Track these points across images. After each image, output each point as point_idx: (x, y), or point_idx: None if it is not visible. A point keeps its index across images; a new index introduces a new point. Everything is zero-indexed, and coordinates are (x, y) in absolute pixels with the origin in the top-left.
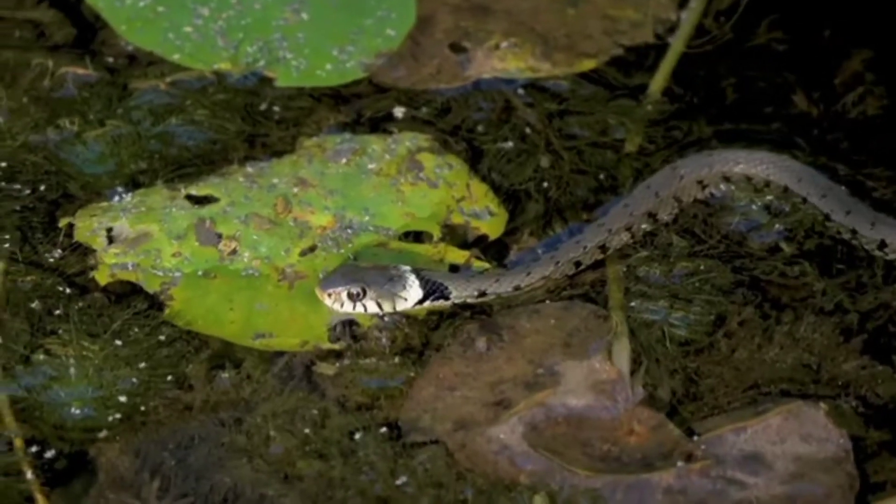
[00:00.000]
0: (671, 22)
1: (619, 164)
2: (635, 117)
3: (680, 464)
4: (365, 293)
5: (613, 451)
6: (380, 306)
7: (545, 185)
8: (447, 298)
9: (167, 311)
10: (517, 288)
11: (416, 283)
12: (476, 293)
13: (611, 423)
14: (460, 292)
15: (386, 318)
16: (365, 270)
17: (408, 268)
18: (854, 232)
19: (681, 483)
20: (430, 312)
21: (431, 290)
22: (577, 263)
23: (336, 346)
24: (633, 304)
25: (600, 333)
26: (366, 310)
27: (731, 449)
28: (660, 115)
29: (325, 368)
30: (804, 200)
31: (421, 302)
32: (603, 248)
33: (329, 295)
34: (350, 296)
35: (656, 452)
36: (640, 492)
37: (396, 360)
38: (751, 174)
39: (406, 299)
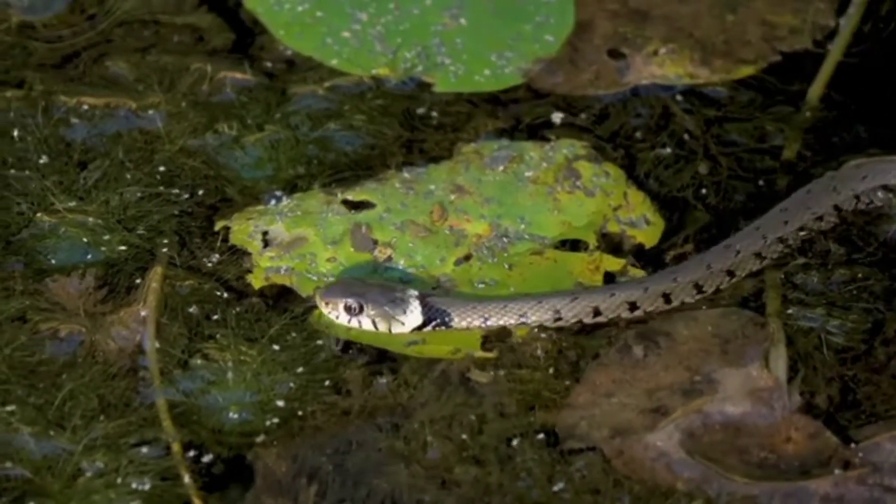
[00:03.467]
0: (829, 28)
1: (778, 171)
2: (793, 124)
3: (837, 471)
4: (362, 309)
5: (771, 458)
6: (375, 325)
7: (703, 191)
8: (448, 326)
9: (317, 314)
10: (523, 321)
11: (419, 309)
12: (480, 321)
13: (768, 431)
14: (462, 320)
15: (543, 334)
16: (369, 286)
17: (415, 293)
18: None
19: (838, 491)
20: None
21: (432, 316)
22: (596, 311)
23: (490, 355)
24: (790, 311)
25: (757, 340)
26: (360, 326)
27: (888, 457)
28: (818, 121)
29: (480, 376)
30: None
31: (420, 328)
32: (632, 306)
33: (326, 303)
34: (347, 308)
35: (813, 460)
36: (798, 499)
37: (551, 369)
38: None
39: (403, 324)
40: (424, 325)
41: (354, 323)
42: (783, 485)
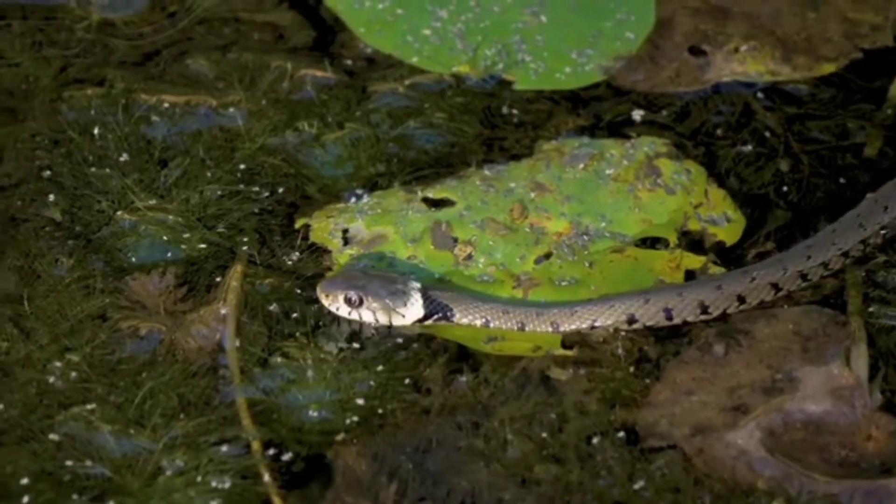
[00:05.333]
0: None
1: (859, 168)
2: (875, 121)
3: None
4: (362, 302)
5: (851, 456)
6: (375, 318)
7: (784, 189)
8: (450, 321)
9: None
10: (522, 328)
11: (420, 301)
12: (481, 321)
13: (849, 429)
14: (464, 317)
15: (621, 333)
16: (370, 278)
17: (417, 285)
18: None
19: None
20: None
21: (434, 310)
22: (592, 325)
23: (570, 353)
24: (871, 309)
25: (838, 339)
26: (361, 318)
27: None
28: None
29: (560, 374)
30: None
31: (421, 321)
32: (630, 320)
33: (327, 295)
34: (347, 300)
35: (895, 458)
36: (878, 497)
37: (632, 367)
38: None
39: (404, 316)
40: (426, 318)
41: (355, 316)
42: (864, 483)
